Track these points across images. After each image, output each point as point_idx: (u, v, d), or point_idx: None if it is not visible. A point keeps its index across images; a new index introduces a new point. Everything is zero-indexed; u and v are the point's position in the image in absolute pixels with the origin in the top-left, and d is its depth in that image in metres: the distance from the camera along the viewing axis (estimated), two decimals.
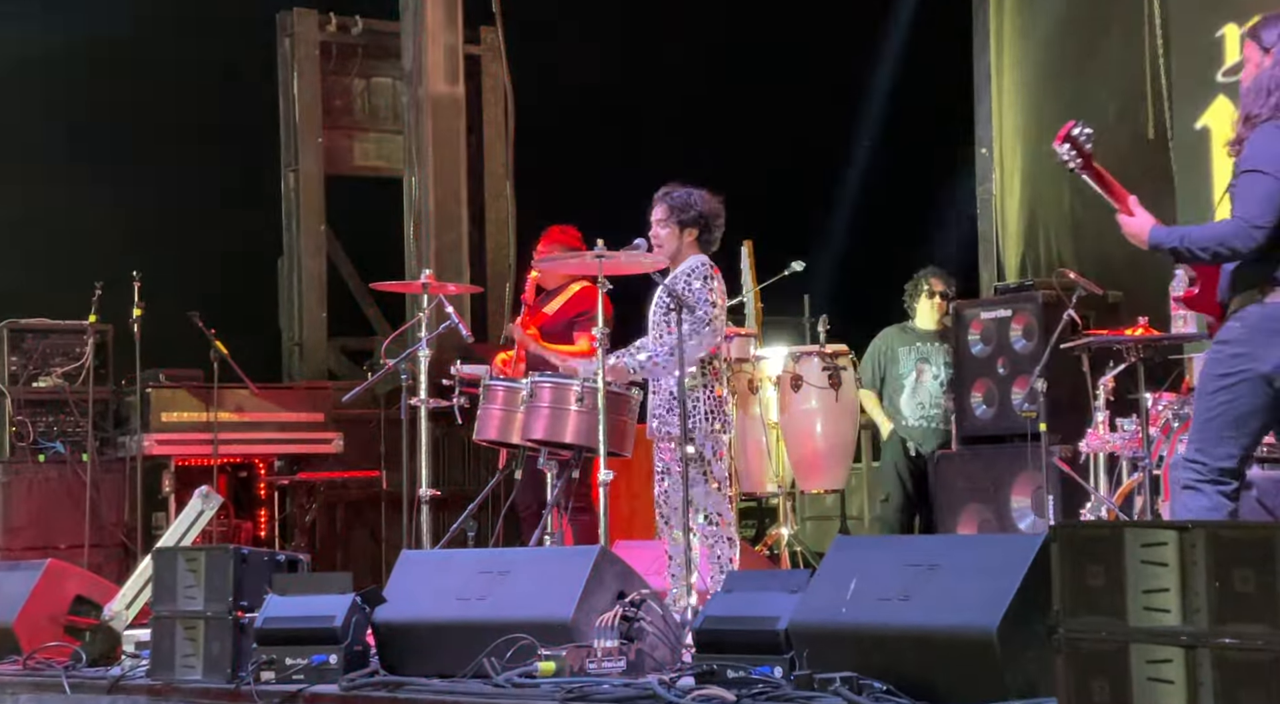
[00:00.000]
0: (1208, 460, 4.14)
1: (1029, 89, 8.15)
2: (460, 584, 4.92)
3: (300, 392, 8.86)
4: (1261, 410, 4.12)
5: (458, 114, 9.76)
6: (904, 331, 7.74)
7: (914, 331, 7.73)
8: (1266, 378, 4.09)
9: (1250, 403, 4.11)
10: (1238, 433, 4.12)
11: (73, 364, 8.36)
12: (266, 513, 8.58)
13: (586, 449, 5.78)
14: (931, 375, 7.65)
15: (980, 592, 3.87)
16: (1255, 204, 4.10)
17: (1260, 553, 3.15)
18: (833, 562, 4.32)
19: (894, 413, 7.68)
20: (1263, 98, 4.17)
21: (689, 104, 10.02)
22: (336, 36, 10.08)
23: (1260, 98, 4.17)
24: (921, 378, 7.66)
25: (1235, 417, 4.12)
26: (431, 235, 9.58)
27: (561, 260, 6.16)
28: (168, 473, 8.23)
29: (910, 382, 7.65)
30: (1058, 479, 6.44)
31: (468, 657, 4.62)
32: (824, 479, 7.66)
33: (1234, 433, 4.12)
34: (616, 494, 5.81)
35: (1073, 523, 5.13)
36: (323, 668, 4.81)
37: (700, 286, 5.63)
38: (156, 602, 5.26)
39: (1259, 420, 4.14)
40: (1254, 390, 4.10)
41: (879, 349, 7.71)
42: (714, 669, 4.25)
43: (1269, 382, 4.09)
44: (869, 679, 3.92)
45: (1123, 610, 3.31)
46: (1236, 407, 4.11)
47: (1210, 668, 3.19)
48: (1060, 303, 6.64)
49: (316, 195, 9.95)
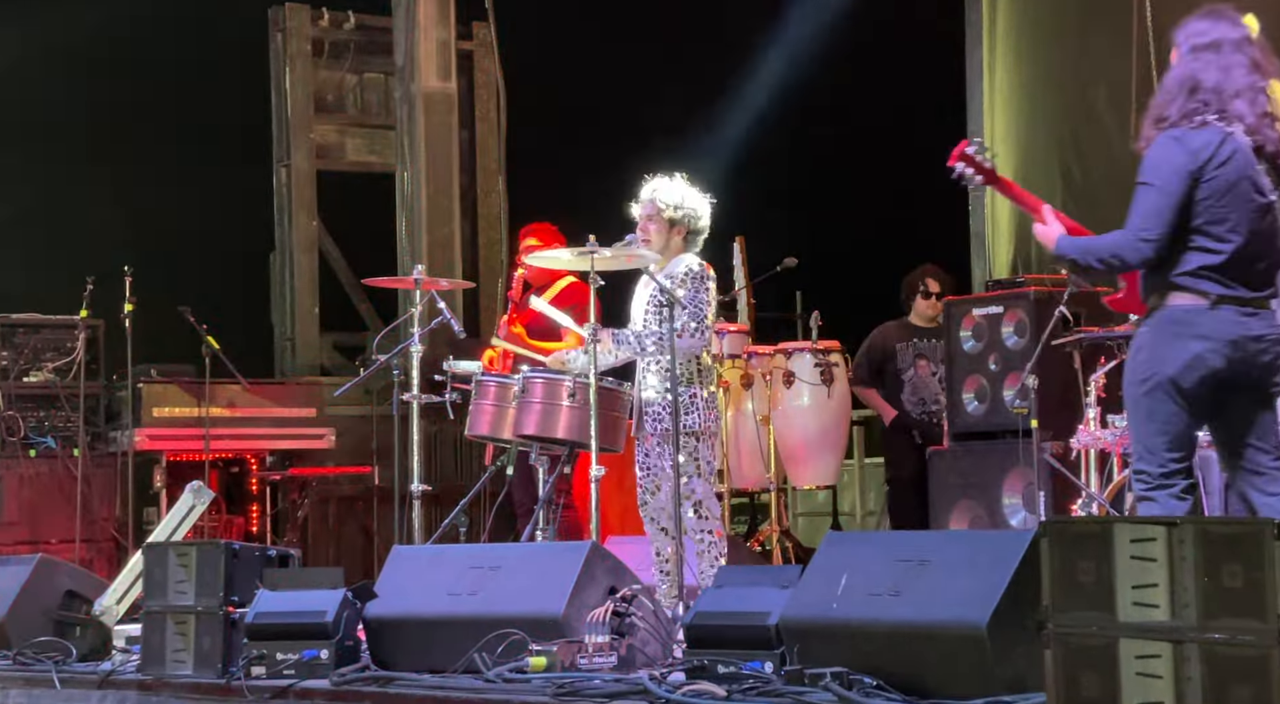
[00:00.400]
0: (1149, 468, 4.11)
1: (1021, 86, 8.15)
2: (451, 579, 4.93)
3: (292, 387, 8.86)
4: (1181, 411, 4.08)
5: (450, 109, 9.76)
6: (901, 327, 7.75)
7: (911, 327, 7.74)
8: (1173, 381, 4.06)
9: (1167, 407, 4.08)
10: (1168, 437, 4.09)
11: (64, 359, 8.35)
12: (258, 508, 8.58)
13: (578, 444, 5.78)
14: (929, 371, 7.66)
15: (971, 587, 3.88)
16: (1141, 216, 4.10)
17: (1249, 548, 3.16)
18: (824, 557, 4.32)
19: (894, 405, 7.67)
20: (1170, 100, 4.14)
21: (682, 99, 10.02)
22: (329, 32, 10.06)
23: (1169, 101, 4.14)
24: (920, 373, 7.67)
25: (1160, 422, 4.09)
26: (424, 231, 9.58)
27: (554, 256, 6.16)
28: (159, 468, 8.22)
29: (909, 377, 7.66)
30: (1049, 475, 6.45)
31: (459, 652, 4.62)
32: (815, 475, 7.67)
33: (1164, 438, 4.09)
34: (608, 490, 5.80)
35: (1063, 518, 5.13)
36: (314, 663, 4.81)
37: (698, 294, 5.61)
38: (147, 596, 5.26)
39: (1182, 421, 4.09)
40: (1167, 394, 4.07)
41: (875, 345, 7.71)
42: (705, 664, 4.25)
43: (1175, 384, 4.06)
44: (860, 674, 3.92)
45: (1112, 606, 3.32)
46: (1158, 412, 4.09)
47: (1198, 663, 3.20)
48: (1052, 299, 6.65)
49: (308, 190, 9.94)
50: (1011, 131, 8.18)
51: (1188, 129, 4.10)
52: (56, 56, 9.52)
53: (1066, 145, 7.95)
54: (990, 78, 8.19)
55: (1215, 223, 4.07)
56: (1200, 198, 4.07)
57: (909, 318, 7.75)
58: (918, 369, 7.66)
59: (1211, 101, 4.10)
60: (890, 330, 7.74)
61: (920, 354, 7.67)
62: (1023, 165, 8.15)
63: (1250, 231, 4.08)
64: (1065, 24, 8.01)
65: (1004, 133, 8.19)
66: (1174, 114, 4.12)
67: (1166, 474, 4.09)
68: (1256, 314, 4.08)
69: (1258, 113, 4.11)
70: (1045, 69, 8.07)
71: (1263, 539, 3.13)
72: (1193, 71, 4.15)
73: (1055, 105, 8.01)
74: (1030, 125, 8.10)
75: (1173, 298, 4.10)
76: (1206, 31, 4.19)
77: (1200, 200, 4.07)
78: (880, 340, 7.71)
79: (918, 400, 7.64)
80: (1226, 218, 4.07)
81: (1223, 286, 4.07)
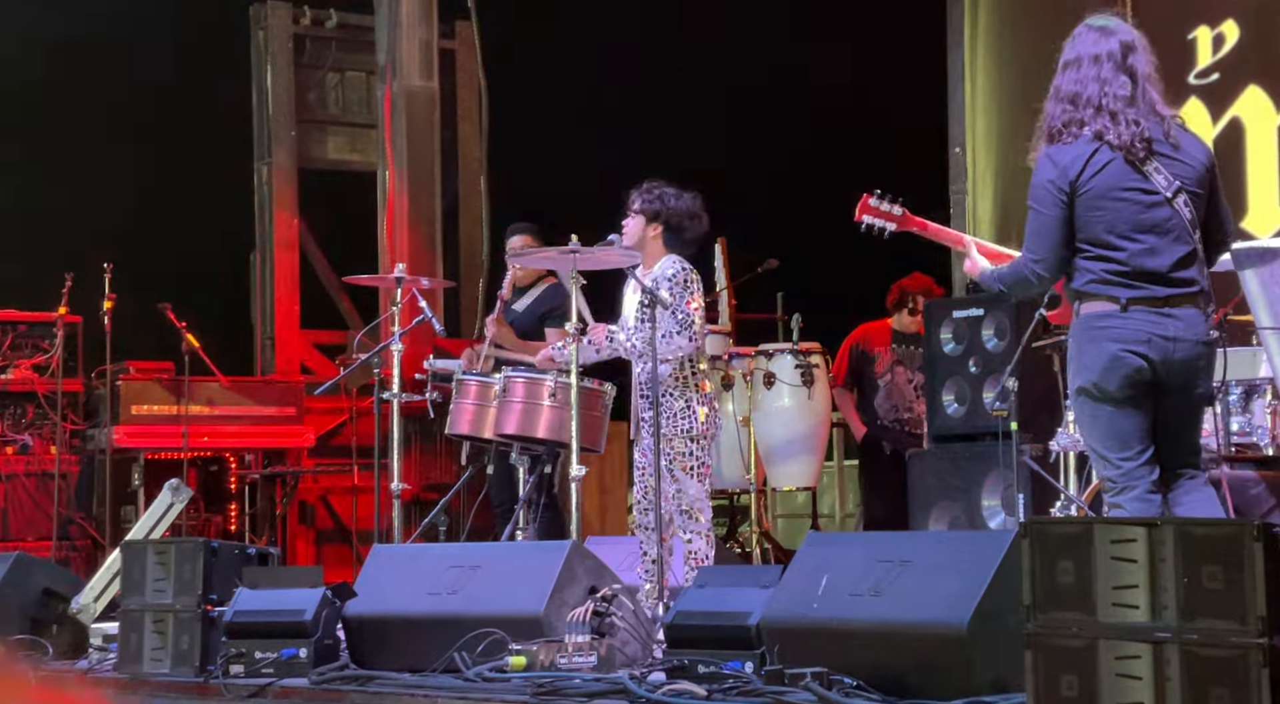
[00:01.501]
0: (1110, 473, 4.09)
1: (1003, 88, 8.17)
2: (431, 578, 4.92)
3: (272, 385, 8.83)
4: (1116, 413, 4.06)
5: (432, 108, 9.75)
6: (883, 331, 7.76)
7: (893, 333, 7.75)
8: (1097, 385, 4.06)
9: (1103, 410, 4.06)
10: (1115, 440, 4.07)
11: (42, 356, 8.31)
12: (237, 507, 8.54)
13: (558, 444, 5.78)
14: (905, 378, 7.67)
15: (951, 588, 3.89)
16: (1029, 239, 4.15)
17: (1228, 550, 3.17)
18: (805, 557, 4.33)
19: (867, 412, 7.69)
20: (1050, 115, 4.18)
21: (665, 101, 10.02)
22: (310, 30, 10.05)
23: (1050, 116, 4.18)
24: (897, 380, 7.68)
25: (1103, 427, 4.08)
26: (405, 230, 9.56)
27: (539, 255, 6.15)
28: (137, 466, 8.19)
29: (886, 382, 7.67)
30: (1028, 478, 6.46)
31: (438, 651, 4.62)
32: (795, 476, 7.68)
33: (1111, 441, 4.07)
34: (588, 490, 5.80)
35: (1044, 519, 5.15)
36: (292, 661, 4.80)
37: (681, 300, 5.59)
38: (125, 595, 5.24)
39: (1122, 422, 4.07)
40: (1097, 398, 4.06)
41: (857, 346, 7.71)
42: (685, 664, 4.25)
43: (1100, 388, 4.05)
44: (840, 675, 3.93)
45: (1092, 607, 3.33)
46: (1099, 417, 4.08)
47: (1178, 664, 3.21)
48: (1032, 302, 6.66)
49: (289, 189, 9.91)
50: (993, 133, 8.20)
51: (1061, 145, 4.15)
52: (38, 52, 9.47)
53: None
54: (971, 79, 8.20)
55: (1107, 230, 4.08)
56: (1082, 210, 4.09)
57: (892, 323, 7.76)
58: (895, 375, 7.67)
59: (1084, 114, 4.13)
60: (872, 333, 7.75)
61: (899, 360, 7.68)
62: (1003, 167, 8.17)
63: (1145, 233, 4.08)
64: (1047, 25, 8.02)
65: (985, 134, 8.21)
66: (1056, 127, 4.17)
67: (1125, 475, 4.08)
68: (1172, 314, 4.06)
69: (1132, 116, 4.11)
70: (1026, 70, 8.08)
71: (1243, 540, 3.15)
72: (1060, 85, 4.21)
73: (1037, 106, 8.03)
74: (1012, 127, 8.11)
75: (1086, 306, 4.11)
76: (1071, 47, 4.26)
77: (1082, 212, 4.09)
78: (863, 342, 7.72)
79: (891, 406, 7.65)
80: (1115, 224, 4.08)
81: (1130, 289, 4.06)
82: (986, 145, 8.20)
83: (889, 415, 7.65)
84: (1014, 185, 8.16)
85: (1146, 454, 4.09)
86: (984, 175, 8.23)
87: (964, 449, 7.11)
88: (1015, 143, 8.10)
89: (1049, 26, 8.06)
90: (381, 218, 9.76)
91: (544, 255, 6.16)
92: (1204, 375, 4.13)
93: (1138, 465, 4.07)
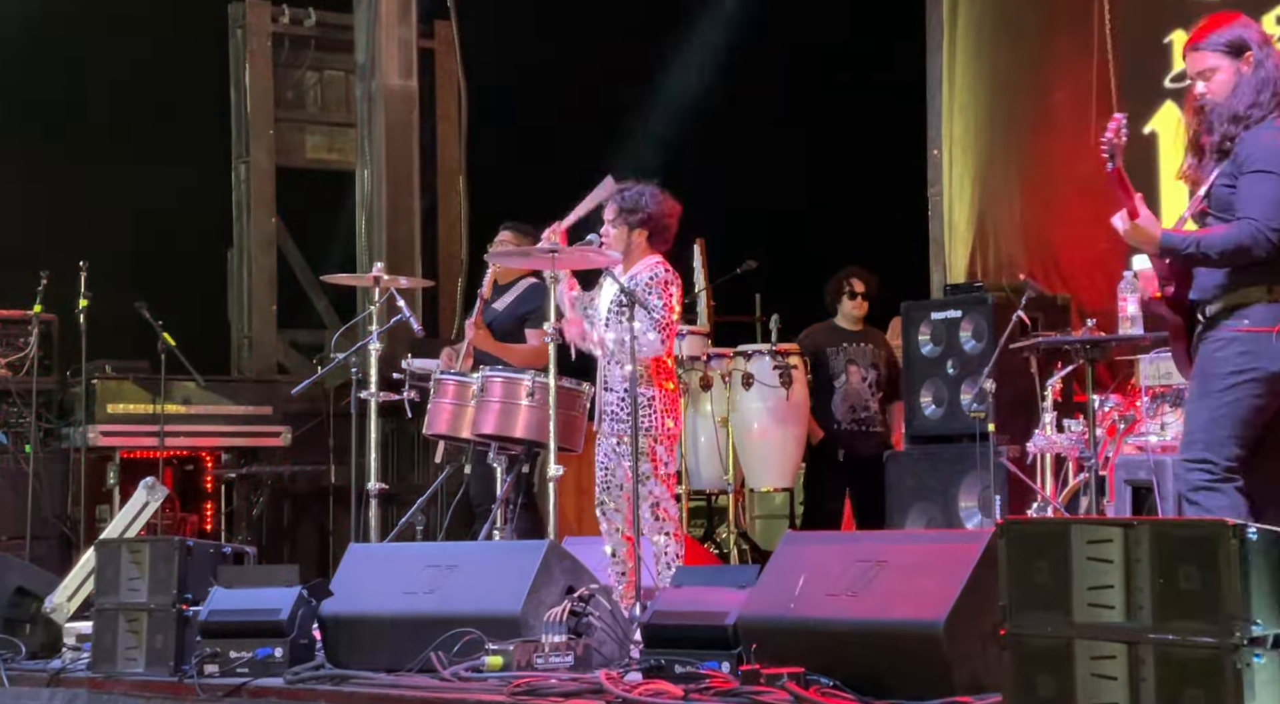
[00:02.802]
0: (1216, 459, 4.14)
1: (981, 90, 8.18)
2: (408, 578, 4.90)
3: (249, 384, 8.80)
4: (1266, 408, 4.16)
5: (411, 108, 9.72)
6: (829, 331, 7.77)
7: (840, 331, 7.76)
8: (1275, 376, 4.13)
9: (1257, 401, 4.14)
10: (1244, 431, 4.15)
11: (17, 354, 8.26)
12: (213, 506, 8.51)
13: (536, 444, 5.77)
14: (860, 377, 7.68)
15: (928, 588, 3.89)
16: (1270, 205, 4.13)
17: (1204, 550, 3.18)
18: (782, 557, 4.33)
19: (824, 417, 7.69)
20: (1254, 97, 4.22)
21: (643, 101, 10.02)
22: (289, 28, 10.01)
23: (1253, 99, 4.22)
24: (852, 381, 7.69)
25: (1242, 415, 4.15)
26: (383, 229, 9.54)
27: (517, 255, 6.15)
28: (112, 465, 8.15)
29: (840, 384, 7.67)
30: (1005, 479, 6.48)
31: (415, 650, 4.60)
32: (773, 477, 7.68)
33: (1241, 431, 4.14)
34: (565, 490, 5.80)
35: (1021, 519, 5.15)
36: (268, 661, 4.78)
37: (659, 301, 5.60)
38: (99, 594, 5.21)
39: (1264, 417, 4.17)
40: (1261, 389, 4.13)
41: (805, 349, 7.69)
42: (662, 664, 4.25)
43: (1277, 380, 4.13)
44: (817, 674, 3.93)
45: (1068, 607, 3.34)
46: (1243, 405, 4.14)
47: (1153, 664, 3.22)
48: (1009, 304, 6.69)
49: (267, 188, 9.88)
50: (970, 135, 8.22)
51: None
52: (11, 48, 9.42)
53: (1025, 149, 8.00)
54: (950, 81, 8.22)
55: None
56: None
57: (836, 320, 7.78)
58: (849, 376, 7.68)
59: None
60: (818, 333, 7.76)
61: (851, 360, 7.69)
62: (981, 169, 8.19)
63: None
64: (1025, 28, 8.05)
65: (962, 136, 8.23)
66: (1265, 107, 4.20)
67: (1229, 470, 4.14)
68: None
69: None
70: (1005, 73, 8.10)
71: (1219, 541, 3.16)
72: (1271, 71, 4.26)
73: (1015, 109, 8.05)
74: (990, 129, 8.13)
75: (1263, 293, 4.15)
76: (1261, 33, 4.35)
77: None
78: (810, 345, 7.72)
79: (849, 408, 7.66)
80: None
81: None
82: (964, 147, 8.22)
83: (847, 417, 7.66)
84: (990, 186, 8.19)
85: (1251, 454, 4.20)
86: (961, 176, 8.25)
87: (941, 450, 7.14)
88: (992, 144, 8.13)
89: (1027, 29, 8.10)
90: (360, 217, 9.73)
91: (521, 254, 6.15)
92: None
93: (1240, 464, 4.16)
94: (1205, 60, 4.32)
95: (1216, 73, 4.30)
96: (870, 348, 7.71)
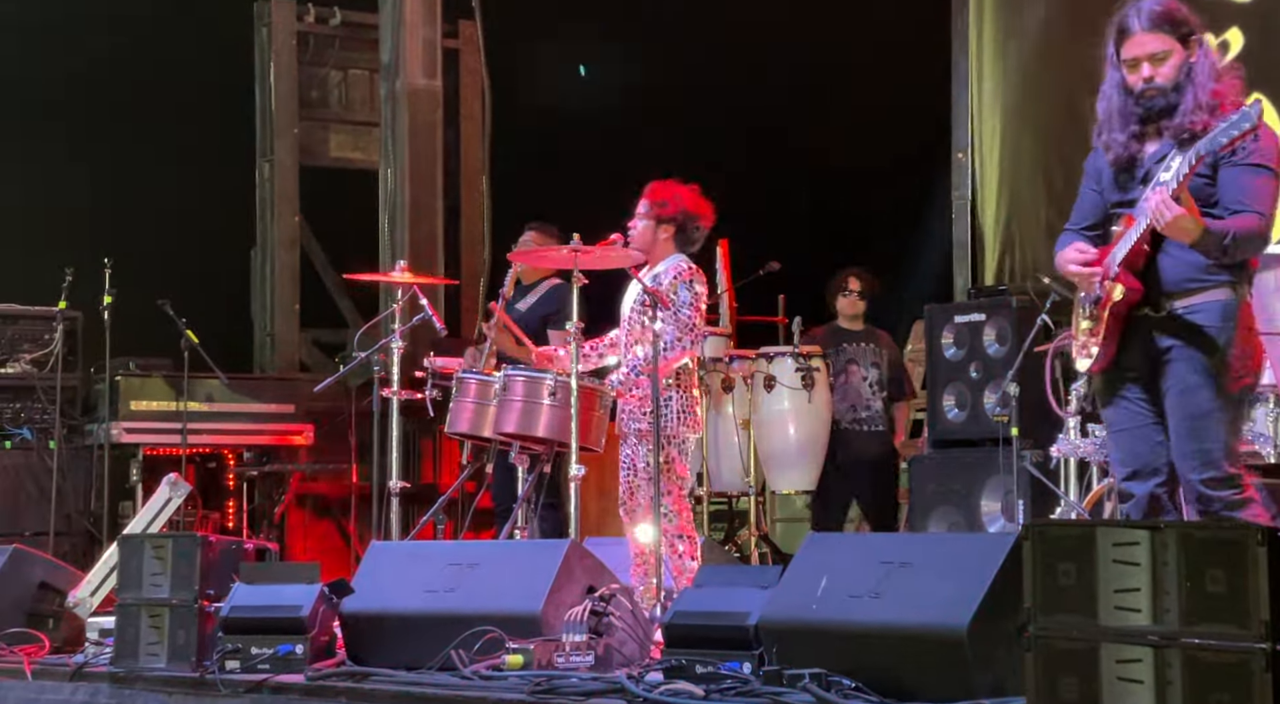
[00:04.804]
0: (1238, 473, 4.00)
1: (1009, 93, 8.15)
2: (429, 576, 4.90)
3: (271, 383, 8.82)
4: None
5: (435, 107, 9.74)
6: (832, 332, 7.75)
7: (841, 331, 7.75)
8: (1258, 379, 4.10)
9: (1245, 409, 4.14)
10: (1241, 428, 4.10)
11: (41, 351, 8.30)
12: (235, 504, 8.53)
13: (558, 444, 5.76)
14: (860, 376, 7.66)
15: (951, 590, 3.87)
16: (1271, 203, 4.03)
17: (1231, 554, 3.15)
18: (804, 558, 4.31)
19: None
20: (1216, 82, 4.10)
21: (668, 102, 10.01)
22: (313, 27, 10.04)
23: (1214, 83, 4.10)
24: (851, 380, 7.66)
25: (1242, 423, 4.13)
26: (406, 228, 9.55)
27: (539, 255, 6.14)
28: (135, 462, 8.17)
29: (840, 384, 7.65)
30: (1028, 484, 6.45)
31: (435, 649, 4.60)
32: (795, 480, 7.66)
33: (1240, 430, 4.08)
34: (587, 490, 5.79)
35: (1045, 521, 5.13)
36: (288, 658, 4.78)
37: (686, 296, 5.59)
38: (122, 589, 5.21)
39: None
40: (1251, 395, 4.11)
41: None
42: (683, 664, 4.24)
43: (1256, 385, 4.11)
44: (838, 676, 3.91)
45: (1093, 610, 3.31)
46: (1245, 413, 4.11)
47: (1179, 668, 3.19)
48: (1034, 308, 6.66)
49: (291, 186, 9.90)
50: (998, 139, 8.19)
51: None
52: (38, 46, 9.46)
53: (1052, 152, 7.97)
54: (977, 85, 8.19)
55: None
56: None
57: (838, 321, 7.77)
58: (848, 375, 7.66)
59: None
60: (818, 335, 7.74)
61: (851, 359, 7.67)
62: (1009, 173, 8.16)
63: None
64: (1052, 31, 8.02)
65: (990, 140, 8.20)
66: (1223, 95, 4.09)
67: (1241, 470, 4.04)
68: None
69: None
70: (1032, 76, 8.07)
71: (1246, 544, 3.13)
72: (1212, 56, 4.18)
73: (1042, 113, 8.02)
74: (1017, 132, 8.10)
75: (1244, 290, 4.06)
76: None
77: None
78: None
79: (849, 408, 7.64)
80: None
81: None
82: (992, 150, 8.19)
83: (847, 417, 7.64)
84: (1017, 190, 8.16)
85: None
86: (989, 179, 8.22)
87: (964, 454, 7.11)
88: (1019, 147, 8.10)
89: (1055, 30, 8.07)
90: (383, 216, 9.75)
91: (542, 253, 6.15)
92: None
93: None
94: (1155, 43, 4.15)
95: (1168, 56, 4.13)
96: (872, 347, 7.69)
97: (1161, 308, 4.06)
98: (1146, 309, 4.08)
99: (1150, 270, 4.09)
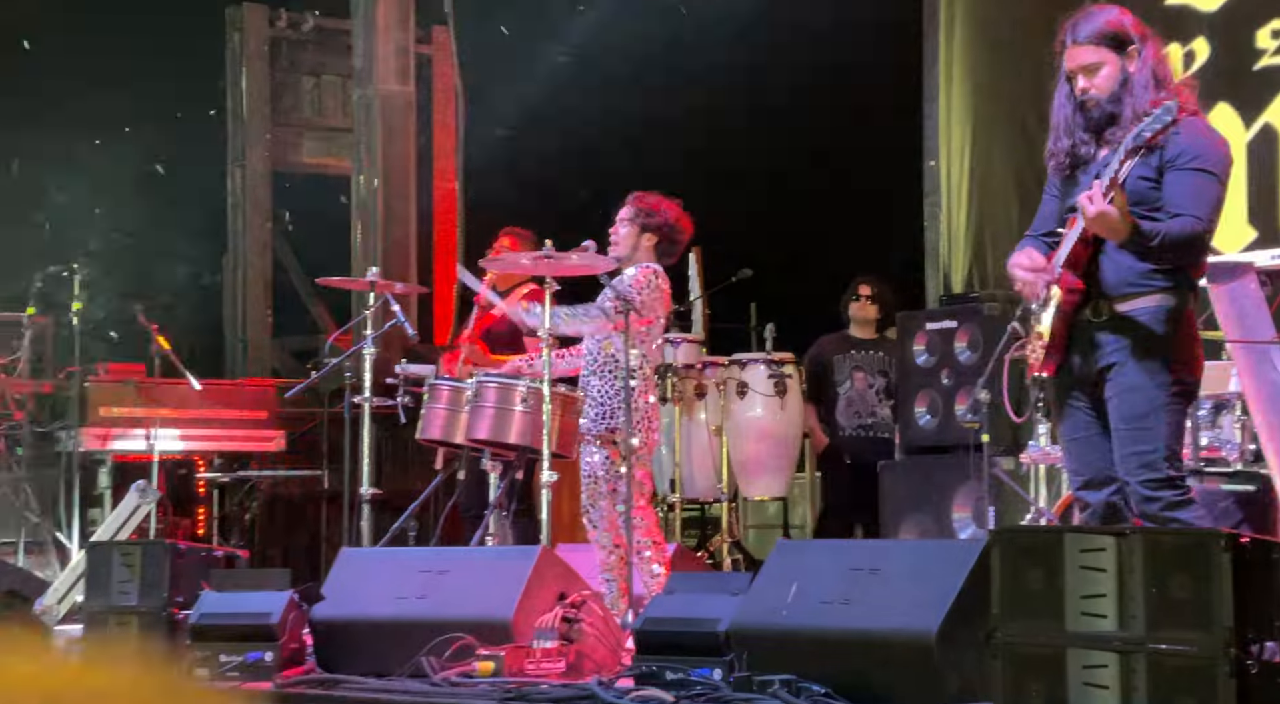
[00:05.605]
0: (1181, 474, 4.01)
1: (979, 101, 8.19)
2: (400, 583, 4.89)
3: (243, 389, 8.77)
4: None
5: (407, 113, 9.73)
6: (839, 340, 7.77)
7: (850, 340, 7.76)
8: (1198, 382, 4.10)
9: (1185, 411, 4.11)
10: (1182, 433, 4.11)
11: (9, 356, 8.24)
12: (205, 510, 8.48)
13: (530, 450, 5.76)
14: (866, 384, 7.68)
15: (920, 596, 3.89)
16: (1211, 208, 4.03)
17: (1197, 560, 3.18)
18: (774, 565, 4.32)
19: (830, 424, 7.68)
20: (1154, 92, 4.07)
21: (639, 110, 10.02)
22: (286, 33, 10.02)
23: (1152, 93, 4.07)
24: (857, 386, 7.68)
25: (1182, 424, 4.10)
26: (379, 234, 9.53)
27: (513, 261, 6.14)
28: (104, 468, 8.12)
29: (845, 391, 7.67)
30: (998, 490, 6.47)
31: (405, 655, 4.59)
32: (767, 487, 7.67)
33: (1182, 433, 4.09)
34: (559, 497, 5.79)
35: (1013, 528, 5.15)
36: (258, 665, 4.76)
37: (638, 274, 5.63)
38: (89, 596, 5.19)
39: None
40: (1190, 398, 4.10)
41: (813, 359, 7.71)
42: (653, 671, 4.24)
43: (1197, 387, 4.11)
44: (808, 682, 3.92)
45: (1060, 615, 3.34)
46: (1183, 414, 4.09)
47: (1145, 673, 3.21)
48: (1005, 315, 6.68)
49: (263, 192, 9.88)
50: (968, 145, 8.22)
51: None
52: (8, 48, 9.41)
53: (1022, 158, 8.00)
54: (947, 92, 8.22)
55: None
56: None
57: (848, 330, 7.79)
58: (854, 382, 7.68)
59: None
60: (826, 343, 7.76)
61: (857, 366, 7.69)
62: (979, 180, 8.19)
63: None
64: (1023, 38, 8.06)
65: (959, 147, 8.23)
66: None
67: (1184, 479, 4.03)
68: None
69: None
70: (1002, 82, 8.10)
71: (1211, 551, 3.15)
72: (1150, 62, 4.15)
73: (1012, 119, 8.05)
74: (987, 138, 8.13)
75: (1187, 296, 4.07)
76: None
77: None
78: (817, 354, 7.73)
79: (853, 414, 7.66)
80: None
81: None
82: (961, 157, 8.22)
83: (851, 424, 7.65)
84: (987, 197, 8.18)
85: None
86: (959, 187, 8.25)
87: (935, 461, 7.12)
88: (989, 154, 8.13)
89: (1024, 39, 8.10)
90: (355, 222, 9.73)
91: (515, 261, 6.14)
92: None
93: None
94: (1088, 55, 4.13)
95: (1101, 68, 4.12)
96: (881, 356, 7.70)
97: (1101, 311, 4.07)
98: (1087, 312, 4.08)
99: (1092, 273, 4.09)
